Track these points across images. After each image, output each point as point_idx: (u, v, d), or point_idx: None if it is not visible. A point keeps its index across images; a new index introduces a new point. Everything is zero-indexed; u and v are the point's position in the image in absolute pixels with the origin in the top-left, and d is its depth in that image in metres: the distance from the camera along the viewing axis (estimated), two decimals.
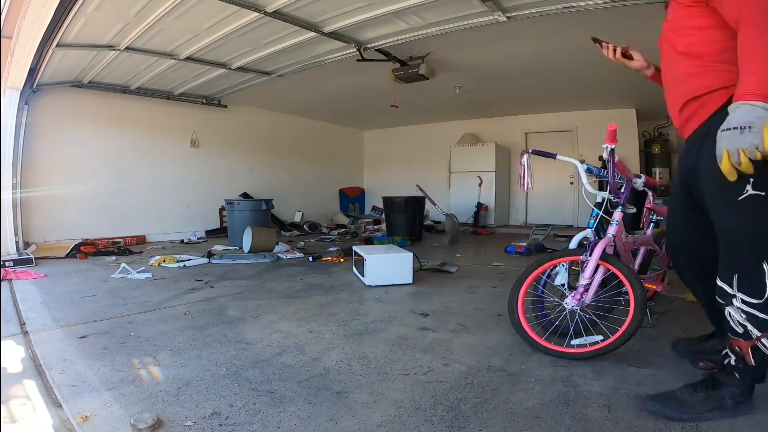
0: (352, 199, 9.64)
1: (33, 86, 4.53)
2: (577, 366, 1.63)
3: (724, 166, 1.10)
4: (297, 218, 7.85)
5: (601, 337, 1.66)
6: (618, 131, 1.66)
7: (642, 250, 2.26)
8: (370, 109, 7.72)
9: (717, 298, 1.27)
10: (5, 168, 4.38)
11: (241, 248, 4.82)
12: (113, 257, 4.36)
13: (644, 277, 2.22)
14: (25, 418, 1.25)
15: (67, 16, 3.17)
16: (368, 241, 5.38)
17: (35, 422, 1.23)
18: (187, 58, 4.37)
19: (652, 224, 2.34)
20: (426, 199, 6.17)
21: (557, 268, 1.88)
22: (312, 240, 6.17)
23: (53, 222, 5.00)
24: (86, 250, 4.53)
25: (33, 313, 2.35)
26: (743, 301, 1.20)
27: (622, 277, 1.66)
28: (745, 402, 1.25)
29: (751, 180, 1.13)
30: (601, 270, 1.69)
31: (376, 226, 7.53)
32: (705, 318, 1.49)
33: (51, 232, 4.93)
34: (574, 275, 1.87)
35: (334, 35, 3.85)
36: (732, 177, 1.10)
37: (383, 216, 6.99)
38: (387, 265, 3.09)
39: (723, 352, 1.29)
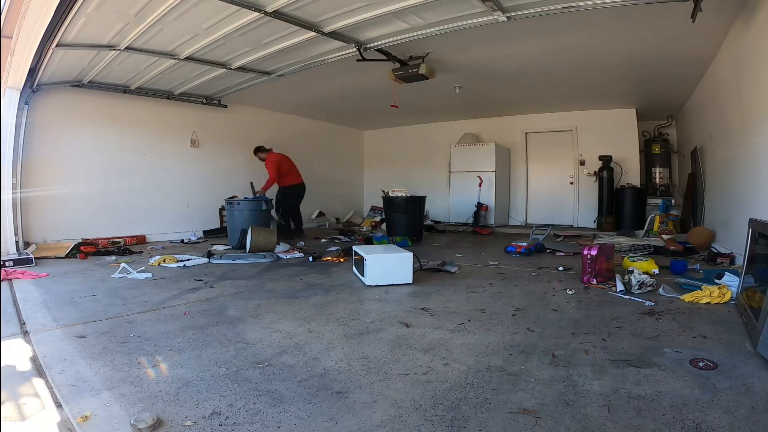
0: None
1: (33, 86, 4.53)
2: (577, 366, 1.63)
3: None
4: None
5: None
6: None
7: None
8: (370, 109, 7.72)
9: None
10: (5, 168, 4.38)
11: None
12: (113, 257, 4.36)
13: None
14: (25, 417, 1.25)
15: (67, 16, 3.17)
16: (368, 241, 5.38)
17: (35, 422, 1.23)
18: (187, 58, 4.36)
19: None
20: (425, 199, 6.17)
21: None
22: (312, 240, 6.17)
23: (53, 222, 5.00)
24: (86, 249, 4.53)
25: (33, 313, 2.35)
26: None
27: None
28: None
29: None
30: None
31: (375, 227, 7.53)
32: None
33: (51, 232, 4.93)
34: None
35: (334, 35, 3.85)
36: None
37: (383, 216, 6.99)
38: (387, 264, 3.09)
39: None
